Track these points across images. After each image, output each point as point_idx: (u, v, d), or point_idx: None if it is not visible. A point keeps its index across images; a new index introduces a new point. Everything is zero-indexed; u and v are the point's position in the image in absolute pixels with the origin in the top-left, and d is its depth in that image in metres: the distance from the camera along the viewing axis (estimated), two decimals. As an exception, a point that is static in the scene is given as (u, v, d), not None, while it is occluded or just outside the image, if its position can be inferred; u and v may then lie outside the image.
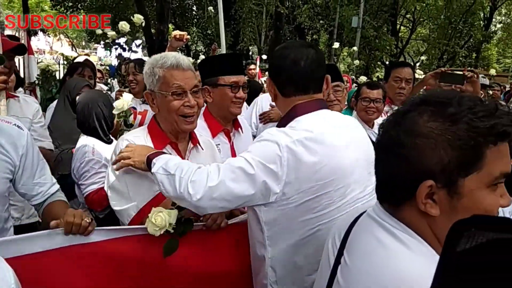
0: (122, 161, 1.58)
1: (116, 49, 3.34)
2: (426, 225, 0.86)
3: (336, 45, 6.08)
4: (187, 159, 1.72)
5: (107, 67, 4.66)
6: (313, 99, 1.49)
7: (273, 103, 3.42)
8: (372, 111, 2.80)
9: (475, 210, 0.81)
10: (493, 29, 28.48)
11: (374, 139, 1.05)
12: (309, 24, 18.54)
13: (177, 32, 2.79)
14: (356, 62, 5.93)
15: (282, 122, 1.50)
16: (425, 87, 3.09)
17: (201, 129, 2.15)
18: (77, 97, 2.80)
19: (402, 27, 26.43)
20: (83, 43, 36.93)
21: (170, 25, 19.69)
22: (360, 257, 0.93)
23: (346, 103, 4.05)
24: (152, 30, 16.82)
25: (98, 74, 4.63)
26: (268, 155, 1.34)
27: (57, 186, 1.83)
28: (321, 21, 19.84)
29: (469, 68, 2.66)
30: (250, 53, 26.55)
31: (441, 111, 0.82)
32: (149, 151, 1.56)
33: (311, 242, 1.40)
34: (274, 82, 1.54)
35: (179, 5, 20.38)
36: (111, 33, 3.08)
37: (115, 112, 2.24)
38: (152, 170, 1.46)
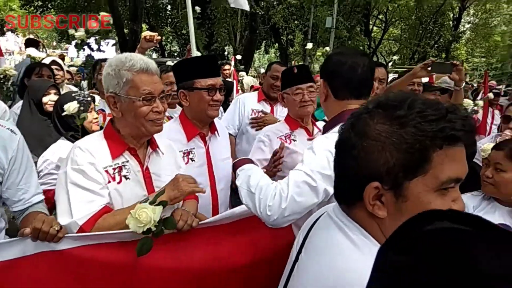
0: None
1: (83, 50, 3.23)
2: (376, 226, 0.87)
3: (310, 45, 6.12)
4: (146, 165, 1.68)
5: (77, 68, 4.54)
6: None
7: (254, 107, 3.45)
8: None
9: None
10: (462, 29, 29.35)
11: None
12: (284, 24, 18.63)
13: (147, 33, 2.73)
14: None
15: (330, 124, 1.64)
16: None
17: (177, 132, 2.13)
18: (44, 99, 2.75)
19: (374, 28, 26.91)
20: (54, 43, 35.96)
21: (143, 25, 19.40)
22: (313, 254, 0.94)
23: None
24: (125, 30, 16.53)
25: (67, 75, 4.52)
26: (323, 163, 1.48)
27: (41, 197, 1.79)
28: (295, 22, 19.96)
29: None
30: (226, 53, 26.47)
31: (390, 114, 0.83)
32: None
33: None
34: (329, 85, 1.65)
35: (153, 5, 20.10)
36: (79, 33, 2.96)
37: (64, 113, 2.20)
38: (236, 182, 1.62)
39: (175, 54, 24.09)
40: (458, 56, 30.96)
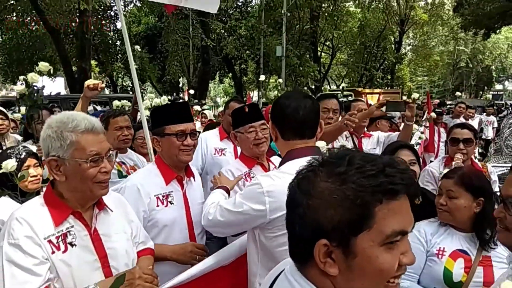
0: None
1: (25, 105, 3.04)
2: (330, 284, 0.86)
3: (263, 77, 6.22)
4: (94, 226, 1.59)
5: (21, 116, 4.33)
6: (307, 145, 1.76)
7: (217, 145, 3.42)
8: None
9: (369, 269, 0.82)
10: (404, 51, 31.22)
11: None
12: (237, 53, 18.97)
13: (90, 82, 2.66)
14: (279, 94, 6.10)
15: (281, 163, 1.81)
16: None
17: (155, 176, 2.17)
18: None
19: (323, 54, 28.02)
20: (-2, 84, 34.50)
21: (93, 61, 19.09)
22: None
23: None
24: (74, 68, 16.16)
25: (12, 124, 4.30)
26: (251, 195, 1.71)
27: None
28: (247, 51, 20.39)
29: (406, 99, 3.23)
30: (180, 84, 26.47)
31: (331, 171, 0.84)
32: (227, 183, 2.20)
33: None
34: (276, 126, 1.80)
35: (102, 41, 19.89)
36: (19, 87, 2.82)
37: (1, 171, 2.08)
38: None
39: (128, 88, 23.79)
40: (402, 76, 32.77)
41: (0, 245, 1.43)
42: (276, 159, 2.95)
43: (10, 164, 2.06)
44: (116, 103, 5.23)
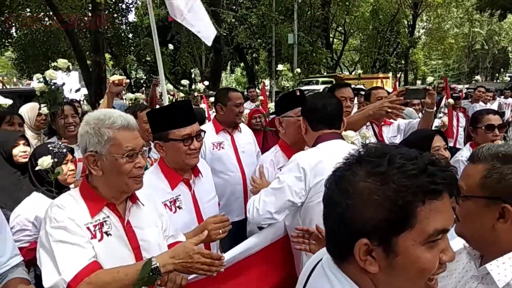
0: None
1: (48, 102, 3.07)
2: (369, 281, 0.87)
3: (280, 67, 6.13)
4: (127, 219, 1.62)
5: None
6: (334, 131, 2.08)
7: (214, 140, 3.40)
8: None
9: (411, 268, 0.82)
10: (418, 35, 30.62)
11: None
12: (249, 41, 18.79)
13: (115, 77, 2.69)
14: (295, 84, 6.05)
15: (311, 146, 2.10)
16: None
17: (159, 181, 2.06)
18: (14, 151, 2.65)
19: (335, 40, 27.67)
20: (15, 80, 35.07)
21: (106, 55, 19.20)
22: None
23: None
24: (88, 62, 16.30)
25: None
26: (289, 168, 1.97)
27: (19, 259, 1.73)
28: (258, 40, 20.25)
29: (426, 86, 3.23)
30: (192, 76, 26.50)
31: (372, 171, 0.83)
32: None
33: None
34: (307, 120, 2.14)
35: (115, 34, 19.96)
36: (38, 85, 2.86)
37: (37, 168, 2.13)
38: None
39: (141, 81, 23.93)
40: (417, 60, 32.22)
41: (43, 231, 1.49)
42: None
43: (46, 162, 2.11)
44: (129, 96, 5.25)
